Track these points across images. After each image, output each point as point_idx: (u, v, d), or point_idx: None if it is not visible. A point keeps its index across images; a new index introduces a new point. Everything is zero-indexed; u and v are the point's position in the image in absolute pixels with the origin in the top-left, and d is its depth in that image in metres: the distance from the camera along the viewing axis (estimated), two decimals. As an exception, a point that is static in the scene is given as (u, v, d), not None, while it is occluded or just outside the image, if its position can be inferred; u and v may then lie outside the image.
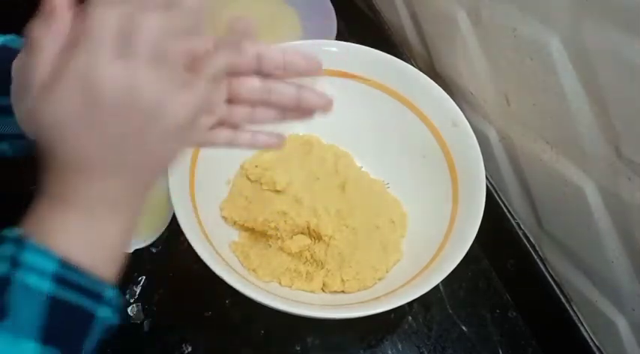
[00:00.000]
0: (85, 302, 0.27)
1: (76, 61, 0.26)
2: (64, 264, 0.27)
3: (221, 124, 0.36)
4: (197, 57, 0.29)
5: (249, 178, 0.55)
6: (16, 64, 0.33)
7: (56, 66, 0.26)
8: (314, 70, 0.35)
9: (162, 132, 0.28)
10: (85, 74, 0.25)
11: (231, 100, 0.35)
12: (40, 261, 0.26)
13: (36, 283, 0.26)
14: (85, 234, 0.28)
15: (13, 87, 0.33)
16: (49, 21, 0.27)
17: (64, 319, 0.27)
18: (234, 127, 0.37)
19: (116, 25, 0.26)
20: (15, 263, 0.26)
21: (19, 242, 0.27)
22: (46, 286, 0.26)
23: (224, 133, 0.36)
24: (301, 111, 0.36)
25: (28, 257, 0.26)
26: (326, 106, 0.36)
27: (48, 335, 0.26)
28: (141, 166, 0.30)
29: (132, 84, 0.26)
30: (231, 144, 0.37)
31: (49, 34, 0.27)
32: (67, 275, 0.27)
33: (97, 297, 0.28)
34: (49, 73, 0.27)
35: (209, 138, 0.36)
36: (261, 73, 0.35)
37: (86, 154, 0.27)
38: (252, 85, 0.35)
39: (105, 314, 0.28)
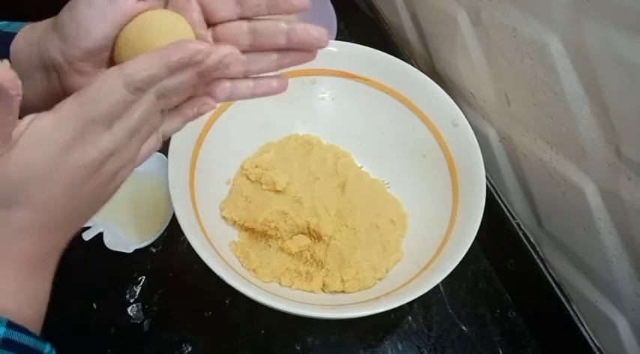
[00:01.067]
0: None
1: (69, 124, 0.27)
2: (11, 325, 0.26)
3: (217, 80, 0.34)
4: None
5: (249, 178, 0.55)
6: (15, 49, 0.33)
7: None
8: (299, 4, 0.32)
9: (113, 189, 0.31)
10: (77, 138, 0.27)
11: (217, 40, 0.33)
12: None
13: None
14: (27, 290, 0.29)
15: (14, 69, 0.33)
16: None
17: None
18: (232, 77, 0.34)
19: (121, 106, 0.28)
20: None
21: None
22: None
23: (224, 85, 0.34)
24: (298, 49, 0.34)
25: None
26: (320, 38, 0.33)
27: None
28: (85, 219, 0.32)
29: (115, 153, 0.29)
30: (230, 98, 0.35)
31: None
32: (14, 336, 0.26)
33: None
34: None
35: (210, 92, 0.34)
36: (245, 16, 0.33)
37: (48, 212, 0.28)
38: (237, 27, 0.33)
39: None
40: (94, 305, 0.52)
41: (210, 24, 0.33)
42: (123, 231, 0.55)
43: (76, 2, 0.30)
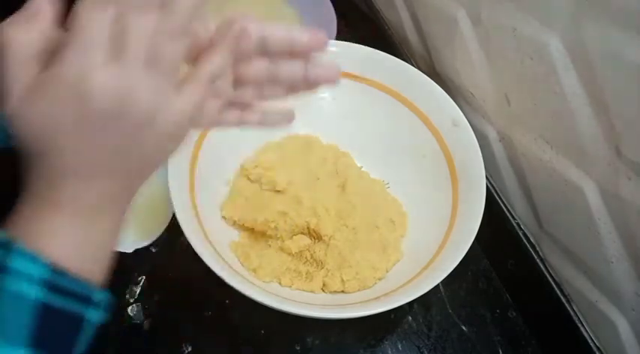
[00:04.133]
0: (74, 307, 0.27)
1: (65, 65, 0.25)
2: (53, 269, 0.26)
3: (230, 104, 0.35)
4: (194, 56, 0.29)
5: (249, 178, 0.55)
6: None
7: (42, 70, 0.26)
8: (319, 46, 0.34)
9: (156, 137, 0.28)
10: (76, 80, 0.25)
11: (238, 81, 0.34)
12: (29, 266, 0.26)
13: (24, 289, 0.25)
14: (74, 237, 0.28)
15: None
16: (31, 20, 0.26)
17: (54, 324, 0.26)
18: (243, 107, 0.36)
19: (107, 27, 0.25)
20: (1, 269, 0.25)
21: (6, 246, 0.26)
22: (35, 292, 0.25)
23: (233, 114, 0.35)
24: (309, 83, 0.36)
25: (16, 262, 0.26)
26: (334, 78, 0.35)
27: (38, 342, 0.25)
28: (133, 170, 0.29)
29: (125, 90, 0.25)
30: (240, 124, 0.36)
31: (30, 34, 0.26)
32: (56, 280, 0.26)
33: (86, 300, 0.28)
34: (32, 76, 0.26)
35: (218, 120, 0.35)
36: (267, 53, 0.34)
37: (76, 159, 0.27)
38: (259, 66, 0.34)
39: (94, 317, 0.28)
40: (94, 305, 0.52)
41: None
42: (123, 231, 0.55)
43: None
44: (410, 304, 0.53)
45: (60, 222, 0.27)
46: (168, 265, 0.54)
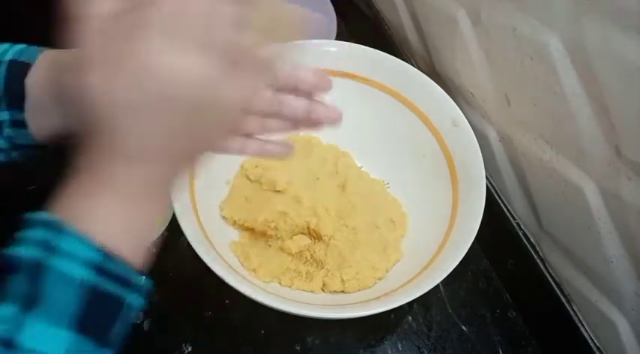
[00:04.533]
0: (118, 290, 0.27)
1: (137, 45, 0.25)
2: (103, 252, 0.26)
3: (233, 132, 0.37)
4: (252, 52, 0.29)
5: (249, 178, 0.55)
6: (31, 81, 0.33)
7: (112, 47, 0.26)
8: (324, 87, 0.36)
9: (214, 119, 0.28)
10: (147, 59, 0.25)
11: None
12: (79, 248, 0.26)
13: (73, 270, 0.25)
14: (123, 220, 0.28)
15: (30, 104, 0.34)
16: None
17: (98, 307, 0.26)
18: (245, 135, 0.38)
19: (171, 7, 0.25)
20: (50, 249, 0.25)
21: (56, 228, 0.26)
22: (83, 273, 0.26)
23: (236, 142, 0.37)
24: (311, 123, 0.37)
25: (66, 244, 0.26)
26: (335, 120, 0.37)
27: (81, 323, 0.25)
28: (186, 154, 0.30)
29: (179, 65, 0.26)
30: (241, 152, 0.38)
31: (95, 12, 0.26)
32: (105, 264, 0.26)
33: (129, 285, 0.28)
34: (102, 53, 0.26)
35: (223, 146, 0.37)
36: (273, 85, 0.35)
37: (138, 140, 0.27)
38: (264, 97, 0.35)
39: (135, 302, 0.28)
40: (94, 305, 0.52)
41: None
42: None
43: None
44: (410, 304, 0.53)
45: (110, 205, 0.28)
46: (169, 265, 0.54)
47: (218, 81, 0.27)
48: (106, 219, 0.28)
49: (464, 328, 0.54)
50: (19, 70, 0.34)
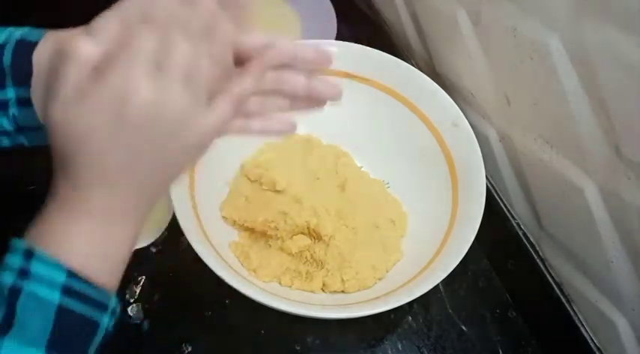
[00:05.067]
0: (91, 313, 0.28)
1: (111, 74, 0.27)
2: (74, 275, 0.27)
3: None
4: (224, 80, 0.30)
5: (249, 178, 0.55)
6: (37, 57, 0.33)
7: (91, 78, 0.27)
8: (324, 62, 0.35)
9: (183, 147, 0.30)
10: (119, 88, 0.27)
11: None
12: (50, 272, 0.27)
13: (45, 293, 0.26)
14: (96, 243, 0.29)
15: (35, 80, 0.34)
16: (97, 36, 0.28)
17: (71, 329, 0.27)
18: (246, 115, 0.37)
19: (153, 45, 0.27)
20: (24, 274, 0.26)
21: (29, 252, 0.27)
22: (55, 297, 0.27)
23: (237, 123, 0.36)
24: (312, 100, 0.37)
25: (38, 268, 0.27)
26: (336, 96, 0.36)
27: (55, 345, 0.26)
28: (158, 177, 0.31)
29: (161, 101, 0.27)
30: (243, 132, 0.37)
31: (94, 48, 0.28)
32: (76, 286, 0.27)
33: (102, 307, 0.29)
34: (81, 83, 0.27)
35: (224, 128, 0.35)
36: (273, 64, 0.35)
37: (106, 165, 0.28)
38: (267, 77, 0.35)
39: (108, 322, 0.29)
40: (94, 305, 0.52)
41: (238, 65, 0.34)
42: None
43: None
44: (410, 304, 0.52)
45: (83, 228, 0.29)
46: (169, 265, 0.54)
47: (193, 113, 0.28)
48: (78, 241, 0.28)
49: (464, 328, 0.54)
50: (26, 48, 0.34)
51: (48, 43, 0.34)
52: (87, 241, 0.29)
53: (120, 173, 0.29)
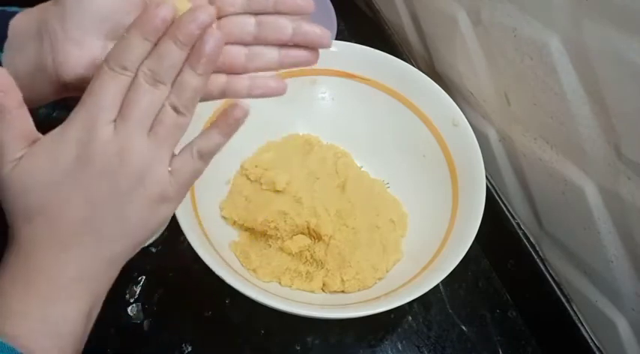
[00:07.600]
0: None
1: (75, 120, 0.27)
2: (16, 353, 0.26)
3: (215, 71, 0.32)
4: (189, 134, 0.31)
5: (249, 178, 0.55)
6: (14, 22, 0.33)
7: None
8: (304, 5, 0.32)
9: (143, 199, 0.29)
10: (82, 134, 0.27)
11: (226, 42, 0.32)
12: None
13: None
14: (46, 317, 0.27)
15: (10, 42, 0.33)
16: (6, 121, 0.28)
17: None
18: (230, 71, 0.33)
19: (119, 94, 0.27)
20: None
21: None
22: None
23: (219, 80, 0.33)
24: (300, 47, 0.33)
25: None
26: (323, 36, 0.33)
27: None
28: (115, 236, 0.29)
29: (123, 148, 0.27)
30: (226, 93, 0.33)
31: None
32: None
33: None
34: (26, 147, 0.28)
35: (205, 90, 0.33)
36: (252, 11, 0.33)
37: (60, 223, 0.28)
38: (244, 21, 0.32)
39: None
40: (94, 305, 0.52)
41: (217, 17, 0.32)
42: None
43: None
44: (410, 304, 0.53)
45: (32, 303, 0.27)
46: (169, 265, 0.54)
47: (155, 163, 0.29)
48: (27, 319, 0.27)
49: (464, 328, 0.54)
50: (5, 15, 0.33)
51: (28, 13, 0.33)
52: (36, 317, 0.27)
53: (75, 231, 0.28)
